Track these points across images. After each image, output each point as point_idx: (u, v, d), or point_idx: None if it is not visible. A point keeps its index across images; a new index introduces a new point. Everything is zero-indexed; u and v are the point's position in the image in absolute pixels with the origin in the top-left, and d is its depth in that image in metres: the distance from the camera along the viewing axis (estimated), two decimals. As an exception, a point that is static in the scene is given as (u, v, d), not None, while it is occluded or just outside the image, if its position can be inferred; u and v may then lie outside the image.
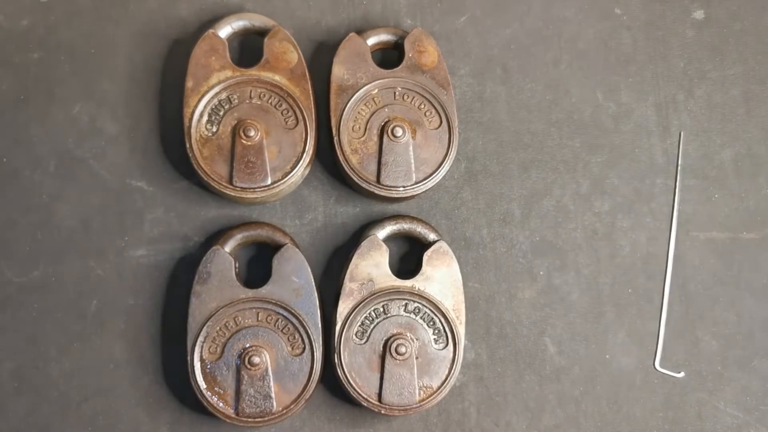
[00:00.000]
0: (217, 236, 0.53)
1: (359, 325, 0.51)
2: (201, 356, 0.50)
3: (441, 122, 0.53)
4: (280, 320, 0.51)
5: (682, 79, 0.57)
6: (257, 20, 0.53)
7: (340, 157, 0.51)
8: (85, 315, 0.52)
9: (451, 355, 0.51)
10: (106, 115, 0.53)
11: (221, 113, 0.51)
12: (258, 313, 0.51)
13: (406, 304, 0.51)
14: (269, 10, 0.55)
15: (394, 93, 0.53)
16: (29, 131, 0.53)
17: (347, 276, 0.51)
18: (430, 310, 0.51)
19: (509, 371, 0.53)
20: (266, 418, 0.50)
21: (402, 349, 0.50)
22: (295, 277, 0.51)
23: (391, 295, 0.51)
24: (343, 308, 0.51)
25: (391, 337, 0.50)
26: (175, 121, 0.52)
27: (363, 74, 0.53)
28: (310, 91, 0.52)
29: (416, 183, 0.52)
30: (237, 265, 0.52)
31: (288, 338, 0.51)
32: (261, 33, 0.53)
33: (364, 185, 0.51)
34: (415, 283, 0.51)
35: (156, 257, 0.53)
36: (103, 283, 0.52)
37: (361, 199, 0.54)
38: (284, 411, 0.50)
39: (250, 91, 0.52)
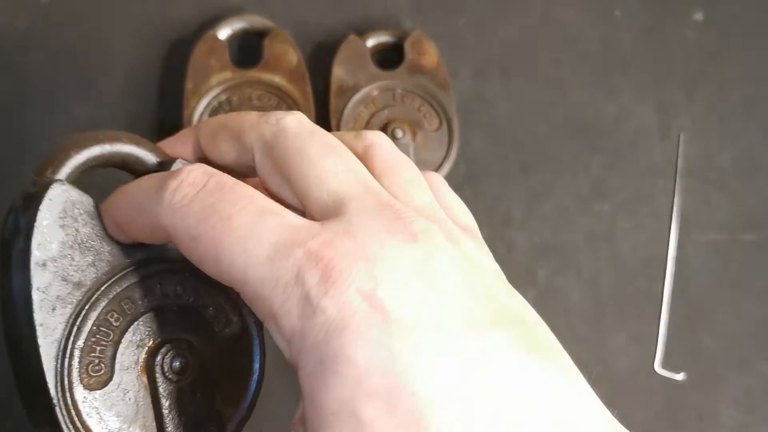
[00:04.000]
0: (41, 164, 0.30)
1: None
2: (80, 383, 0.28)
3: (441, 123, 0.53)
4: (193, 287, 0.30)
5: (682, 81, 0.57)
6: (257, 21, 0.53)
7: (340, 159, 0.51)
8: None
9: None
10: (105, 117, 0.53)
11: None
12: (159, 284, 0.30)
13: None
14: (269, 11, 0.55)
15: (394, 94, 0.53)
16: (29, 133, 0.53)
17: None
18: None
19: (509, 373, 0.53)
20: None
21: None
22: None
23: (391, 297, 0.51)
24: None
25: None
26: (175, 122, 0.52)
27: (363, 76, 0.53)
28: (310, 93, 0.52)
29: (416, 184, 0.52)
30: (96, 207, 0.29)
31: (210, 312, 0.31)
32: (261, 34, 0.53)
33: (364, 187, 0.51)
34: None
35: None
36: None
37: (361, 200, 0.54)
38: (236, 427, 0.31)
39: (250, 93, 0.52)
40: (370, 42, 0.54)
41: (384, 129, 0.52)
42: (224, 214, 0.24)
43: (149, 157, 0.31)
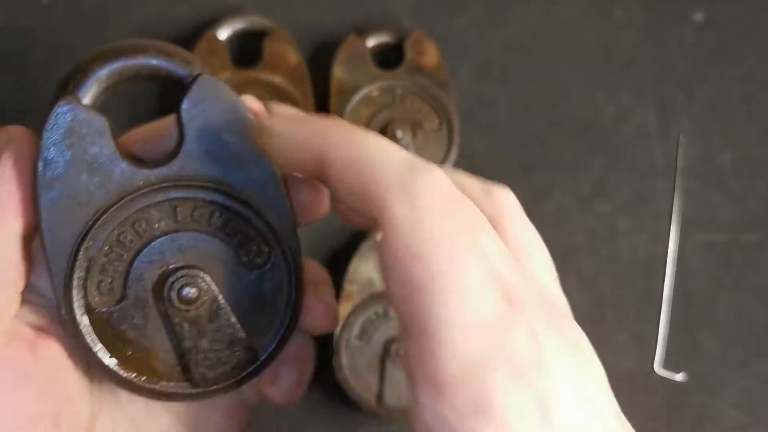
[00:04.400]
0: (63, 79, 0.29)
1: (359, 328, 0.51)
2: (86, 303, 0.29)
3: (441, 124, 0.53)
4: (216, 213, 0.29)
5: (682, 81, 0.57)
6: (257, 21, 0.53)
7: (340, 159, 0.51)
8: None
9: (452, 357, 0.50)
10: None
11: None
12: (176, 208, 0.29)
13: (406, 306, 0.51)
14: (269, 11, 0.55)
15: (394, 94, 0.53)
16: (29, 133, 0.53)
17: (347, 278, 0.51)
18: (430, 312, 0.51)
19: (509, 373, 0.53)
20: (244, 373, 0.31)
21: (402, 351, 0.50)
22: (226, 133, 0.29)
23: (391, 297, 0.51)
24: (342, 310, 0.51)
25: (391, 339, 0.50)
26: (175, 122, 0.52)
27: (363, 76, 0.53)
28: (310, 93, 0.52)
29: (416, 185, 0.52)
30: (111, 128, 0.29)
31: (238, 241, 0.30)
32: (261, 34, 0.53)
33: (364, 187, 0.51)
34: None
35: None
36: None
37: (361, 200, 0.54)
38: (263, 357, 0.31)
39: (250, 93, 0.51)
40: (370, 42, 0.54)
41: (384, 129, 0.52)
42: (466, 258, 0.24)
43: (180, 71, 0.30)
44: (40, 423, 0.29)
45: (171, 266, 0.29)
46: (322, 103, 0.53)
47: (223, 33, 0.53)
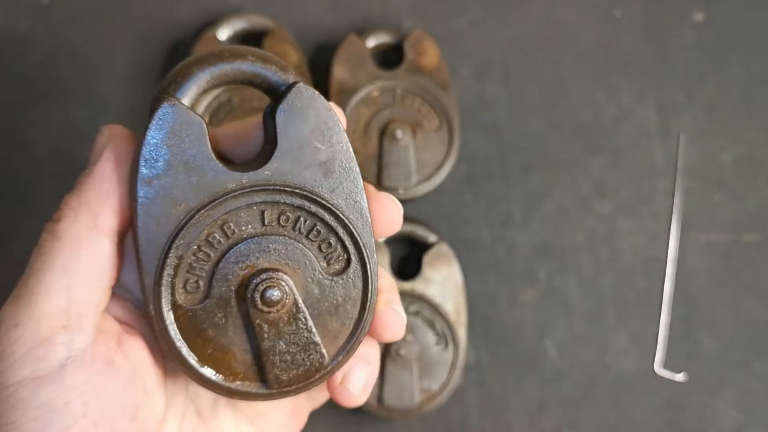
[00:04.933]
0: (166, 80, 0.30)
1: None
2: (173, 300, 0.30)
3: (441, 124, 0.52)
4: (302, 219, 0.31)
5: (682, 81, 0.57)
6: (257, 21, 0.53)
7: (341, 159, 0.51)
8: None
9: (452, 357, 0.51)
10: (106, 118, 0.53)
11: (222, 115, 0.51)
12: (263, 212, 0.30)
13: (406, 307, 0.51)
14: (269, 11, 0.55)
15: (394, 94, 0.53)
16: (29, 134, 0.53)
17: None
18: (430, 312, 0.51)
19: (510, 374, 0.53)
20: (316, 377, 0.32)
21: (402, 352, 0.50)
22: (317, 141, 0.30)
23: (392, 297, 0.51)
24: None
25: (391, 340, 0.50)
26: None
27: (363, 76, 0.53)
28: (311, 93, 0.52)
29: (416, 185, 0.52)
30: (208, 131, 0.29)
31: (319, 247, 0.31)
32: (261, 34, 0.53)
33: (365, 187, 0.51)
34: (416, 285, 0.51)
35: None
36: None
37: (361, 200, 0.54)
38: (334, 362, 0.32)
39: (251, 93, 0.51)
40: (371, 42, 0.54)
41: (384, 129, 0.52)
42: None
43: (276, 77, 0.31)
44: (121, 415, 0.30)
45: (255, 268, 0.30)
46: (323, 103, 0.53)
47: (223, 33, 0.53)
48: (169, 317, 0.30)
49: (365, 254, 0.31)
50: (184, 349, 0.30)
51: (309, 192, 0.30)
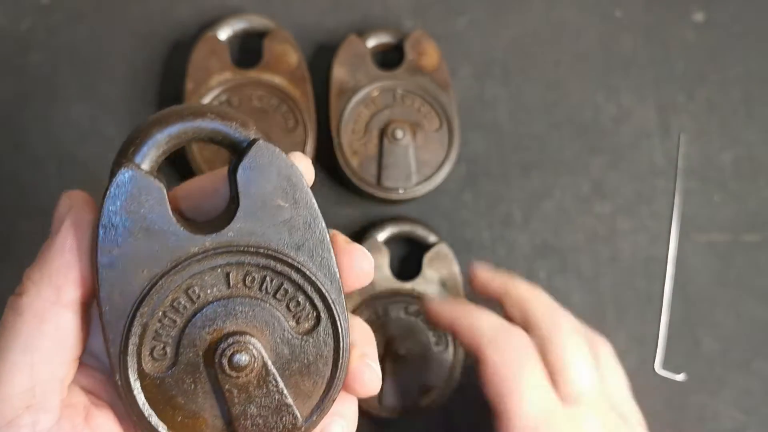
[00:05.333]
0: (124, 144, 0.29)
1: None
2: (139, 369, 0.29)
3: (441, 124, 0.52)
4: (268, 279, 0.30)
5: (682, 81, 0.57)
6: (257, 22, 0.53)
7: (341, 159, 0.51)
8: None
9: (452, 357, 0.51)
10: (106, 117, 0.53)
11: (221, 115, 0.51)
12: (228, 274, 0.29)
13: (406, 306, 0.51)
14: (269, 11, 0.55)
15: (395, 95, 0.53)
16: (29, 133, 0.53)
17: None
18: (430, 312, 0.51)
19: (510, 373, 0.53)
20: None
21: (403, 352, 0.50)
22: (280, 199, 0.30)
23: (392, 297, 0.51)
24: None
25: (391, 340, 0.50)
26: (175, 122, 0.52)
27: (363, 76, 0.53)
28: (311, 93, 0.52)
29: (416, 185, 0.52)
30: (168, 193, 0.29)
31: (288, 306, 0.30)
32: (261, 35, 0.53)
33: (365, 187, 0.51)
34: (416, 285, 0.51)
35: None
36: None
37: (361, 201, 0.54)
38: (308, 422, 0.31)
39: (251, 93, 0.52)
40: (371, 42, 0.54)
41: (384, 129, 0.52)
42: (522, 373, 0.40)
43: (237, 134, 0.30)
44: None
45: (222, 332, 0.29)
46: (323, 103, 0.53)
47: (224, 33, 0.53)
48: (137, 386, 0.29)
49: (335, 311, 0.30)
50: (153, 419, 0.29)
51: (274, 251, 0.29)
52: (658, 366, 0.54)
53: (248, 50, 0.55)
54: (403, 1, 0.56)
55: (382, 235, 0.52)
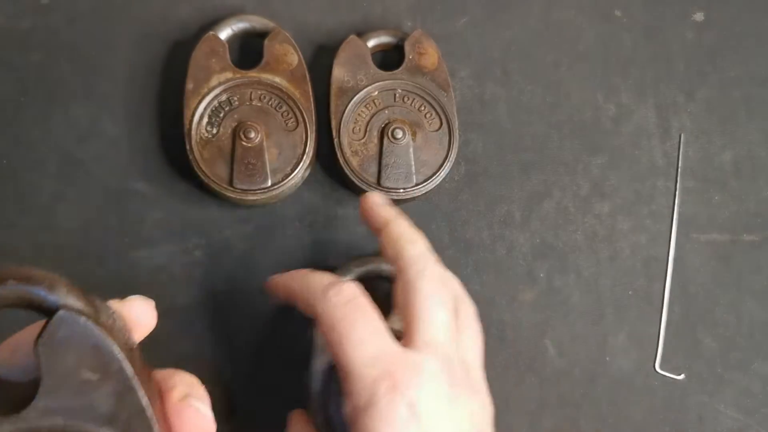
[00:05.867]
0: None
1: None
2: None
3: (441, 124, 0.53)
4: None
5: (682, 81, 0.57)
6: (257, 22, 0.53)
7: (341, 159, 0.51)
8: (84, 317, 0.51)
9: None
10: (106, 117, 0.53)
11: (221, 115, 0.51)
12: None
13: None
14: (269, 11, 0.55)
15: (395, 95, 0.53)
16: (29, 133, 0.53)
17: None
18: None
19: (510, 373, 0.53)
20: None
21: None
22: (89, 372, 0.27)
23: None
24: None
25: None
26: (175, 122, 0.52)
27: (363, 76, 0.53)
28: (311, 93, 0.52)
29: (416, 185, 0.52)
30: None
31: None
32: (261, 35, 0.53)
33: (365, 187, 0.51)
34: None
35: (156, 259, 0.53)
36: (103, 285, 0.52)
37: (361, 201, 0.54)
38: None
39: (251, 93, 0.52)
40: (371, 42, 0.54)
41: (384, 129, 0.52)
42: (355, 322, 0.39)
43: (50, 298, 0.27)
44: None
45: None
46: (323, 103, 0.53)
47: (224, 33, 0.53)
48: None
49: None
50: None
51: (78, 431, 0.26)
52: (657, 365, 0.54)
53: (248, 50, 0.55)
54: (403, 1, 0.56)
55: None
